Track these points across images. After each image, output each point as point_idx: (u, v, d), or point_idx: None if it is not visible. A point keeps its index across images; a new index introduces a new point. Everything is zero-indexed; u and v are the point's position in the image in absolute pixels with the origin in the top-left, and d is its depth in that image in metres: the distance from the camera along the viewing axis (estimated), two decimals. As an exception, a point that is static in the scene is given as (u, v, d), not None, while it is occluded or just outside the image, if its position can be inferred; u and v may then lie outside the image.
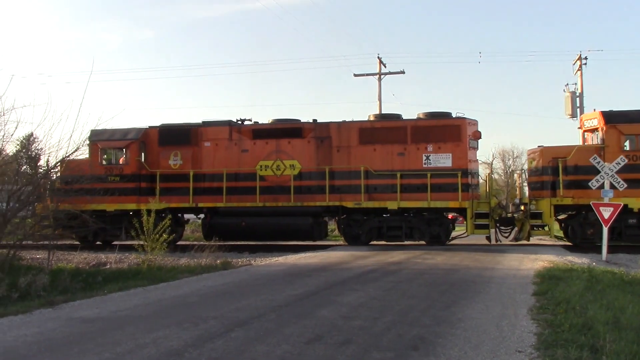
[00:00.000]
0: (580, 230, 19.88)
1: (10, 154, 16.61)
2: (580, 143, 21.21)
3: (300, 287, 10.86)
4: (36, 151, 21.91)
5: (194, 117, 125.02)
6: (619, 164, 16.61)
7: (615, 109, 20.05)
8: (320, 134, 21.34)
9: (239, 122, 22.37)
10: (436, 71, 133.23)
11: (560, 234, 21.60)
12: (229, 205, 21.09)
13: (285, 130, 21.56)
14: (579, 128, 21.07)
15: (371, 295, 9.88)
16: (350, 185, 20.72)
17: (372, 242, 21.12)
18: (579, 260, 15.09)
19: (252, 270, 13.93)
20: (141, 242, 15.37)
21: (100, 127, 18.20)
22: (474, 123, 20.90)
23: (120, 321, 7.92)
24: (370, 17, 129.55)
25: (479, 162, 22.44)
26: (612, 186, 16.74)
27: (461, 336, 6.83)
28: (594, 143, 20.31)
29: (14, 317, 8.26)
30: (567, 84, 34.23)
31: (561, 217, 21.04)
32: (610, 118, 19.60)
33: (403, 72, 38.08)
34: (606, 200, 16.40)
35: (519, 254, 16.72)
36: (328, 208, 21.06)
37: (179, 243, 21.98)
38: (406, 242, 20.74)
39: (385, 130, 20.92)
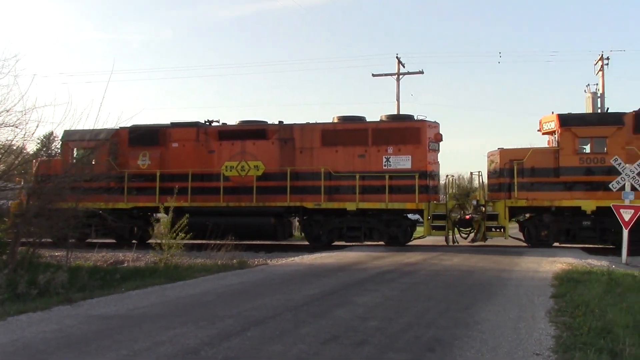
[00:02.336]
0: (535, 232, 20.05)
1: (31, 152, 16.78)
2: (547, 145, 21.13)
3: (316, 287, 10.86)
4: (56, 150, 22.18)
5: (211, 116, 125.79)
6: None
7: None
8: (284, 136, 21.66)
9: (207, 124, 22.74)
10: (456, 71, 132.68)
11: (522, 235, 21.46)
12: (194, 205, 21.12)
13: (250, 132, 21.91)
14: (539, 130, 21.01)
15: (387, 296, 9.85)
16: (311, 186, 20.96)
17: (334, 243, 21.32)
18: (598, 262, 14.93)
19: (268, 270, 13.95)
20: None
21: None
22: (435, 125, 21.16)
23: (138, 319, 7.97)
24: (389, 18, 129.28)
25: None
26: (633, 188, 16.56)
27: (478, 338, 6.78)
28: (552, 146, 20.27)
29: (33, 313, 8.33)
30: (589, 85, 33.73)
31: (521, 219, 21.21)
32: (566, 121, 19.72)
33: (422, 72, 37.85)
34: (627, 203, 16.22)
35: (536, 256, 16.56)
36: (289, 208, 21.32)
37: (148, 242, 22.25)
38: (366, 243, 20.96)
39: (347, 132, 21.17)
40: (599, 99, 33.19)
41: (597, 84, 34.57)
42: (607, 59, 35.35)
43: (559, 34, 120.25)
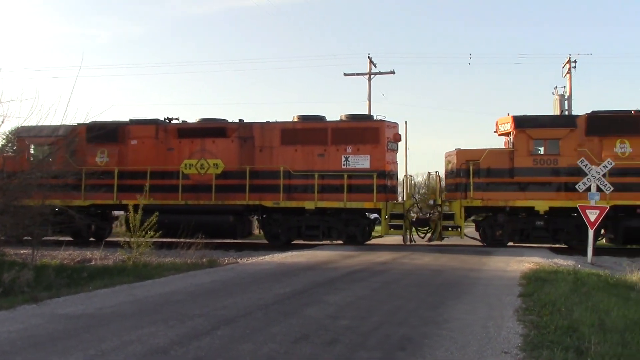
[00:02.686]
0: (490, 231, 20.50)
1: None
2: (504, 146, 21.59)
3: (287, 285, 10.84)
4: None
5: (180, 113, 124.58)
6: (606, 167, 16.75)
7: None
8: (244, 134, 21.83)
9: (167, 121, 22.75)
10: (427, 72, 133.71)
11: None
12: (152, 203, 20.70)
13: (210, 130, 22.02)
14: (495, 132, 21.46)
15: (358, 295, 9.87)
16: (270, 185, 21.14)
17: (293, 242, 21.61)
18: (564, 262, 15.18)
19: (238, 269, 13.88)
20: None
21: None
22: (394, 126, 21.59)
23: (106, 318, 7.85)
24: (361, 17, 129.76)
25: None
26: (598, 189, 16.84)
27: (448, 337, 6.83)
28: (508, 147, 20.75)
29: (-3, 312, 8.16)
30: (556, 87, 34.30)
31: (477, 218, 21.76)
32: (520, 122, 20.26)
33: (393, 73, 38.11)
34: (592, 203, 16.50)
35: (505, 255, 16.79)
36: (248, 207, 21.41)
37: (107, 239, 22.15)
38: (324, 242, 21.26)
39: (306, 131, 21.42)
40: (566, 101, 33.75)
41: (564, 87, 35.20)
42: (575, 62, 36.01)
43: (527, 37, 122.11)
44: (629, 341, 6.61)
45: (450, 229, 20.38)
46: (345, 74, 38.76)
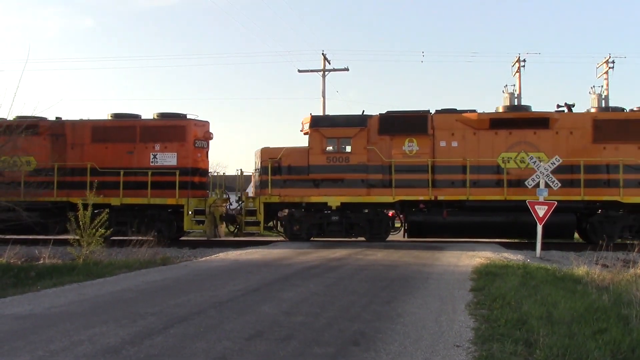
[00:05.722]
0: (289, 226, 21.28)
1: None
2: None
3: (241, 283, 10.78)
4: None
5: (134, 108, 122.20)
6: (554, 163, 17.14)
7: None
8: (56, 132, 22.10)
9: None
10: (380, 69, 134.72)
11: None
12: None
13: (22, 127, 21.71)
14: (301, 131, 22.07)
15: (313, 291, 9.89)
16: (79, 181, 21.28)
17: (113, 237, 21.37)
18: (514, 256, 15.51)
19: (192, 266, 13.75)
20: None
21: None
22: (203, 124, 22.30)
23: (55, 318, 7.67)
24: (316, 13, 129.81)
25: None
26: (547, 185, 17.23)
27: (401, 331, 6.91)
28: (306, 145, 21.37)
29: (-61, 314, 7.88)
30: (506, 85, 34.94)
31: (280, 214, 22.46)
32: (315, 122, 21.07)
33: (347, 69, 38.22)
34: (541, 199, 16.88)
35: (456, 250, 17.06)
36: (57, 204, 21.39)
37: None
38: (132, 237, 21.23)
39: (117, 129, 21.90)
40: (515, 99, 34.44)
41: (514, 85, 35.91)
42: (524, 61, 36.80)
43: (479, 36, 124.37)
44: (575, 332, 6.80)
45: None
46: (299, 71, 38.75)
